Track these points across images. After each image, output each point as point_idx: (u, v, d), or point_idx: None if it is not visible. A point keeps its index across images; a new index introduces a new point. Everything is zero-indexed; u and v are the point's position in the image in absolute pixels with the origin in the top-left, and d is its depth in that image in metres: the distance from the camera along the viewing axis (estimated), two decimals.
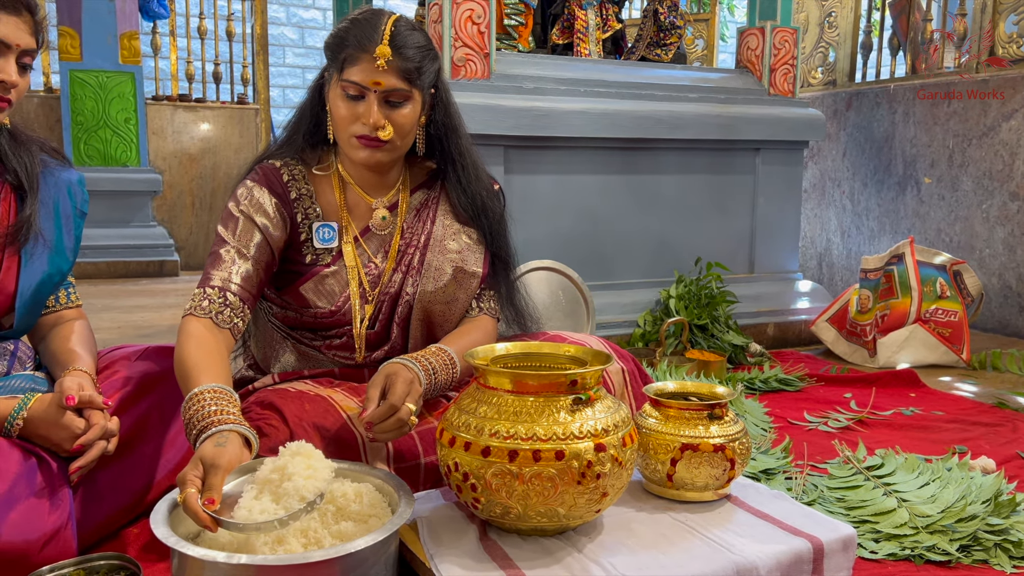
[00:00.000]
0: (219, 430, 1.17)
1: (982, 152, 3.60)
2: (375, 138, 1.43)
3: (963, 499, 1.52)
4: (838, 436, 2.09)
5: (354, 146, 1.46)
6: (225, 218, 1.49)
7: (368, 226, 1.56)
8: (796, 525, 1.25)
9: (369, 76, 1.40)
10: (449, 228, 1.58)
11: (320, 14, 8.82)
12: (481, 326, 1.59)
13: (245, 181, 1.52)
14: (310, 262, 1.52)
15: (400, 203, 1.59)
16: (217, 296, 1.40)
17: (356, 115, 1.43)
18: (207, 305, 1.39)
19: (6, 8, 1.30)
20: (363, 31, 1.42)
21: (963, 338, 2.95)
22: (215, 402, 1.22)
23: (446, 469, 1.20)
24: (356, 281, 1.53)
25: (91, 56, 4.80)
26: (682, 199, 3.17)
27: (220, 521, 1.07)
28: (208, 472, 1.11)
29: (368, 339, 1.56)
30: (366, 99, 1.43)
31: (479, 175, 1.61)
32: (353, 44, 1.41)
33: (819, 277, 4.50)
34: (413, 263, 1.55)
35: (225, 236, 1.46)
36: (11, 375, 1.41)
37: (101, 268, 4.86)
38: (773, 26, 3.31)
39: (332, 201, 1.55)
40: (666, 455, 1.32)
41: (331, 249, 1.53)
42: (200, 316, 1.38)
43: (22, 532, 1.16)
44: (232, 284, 1.42)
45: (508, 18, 3.16)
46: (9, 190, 1.42)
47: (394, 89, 1.42)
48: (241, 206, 1.48)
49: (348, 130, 1.45)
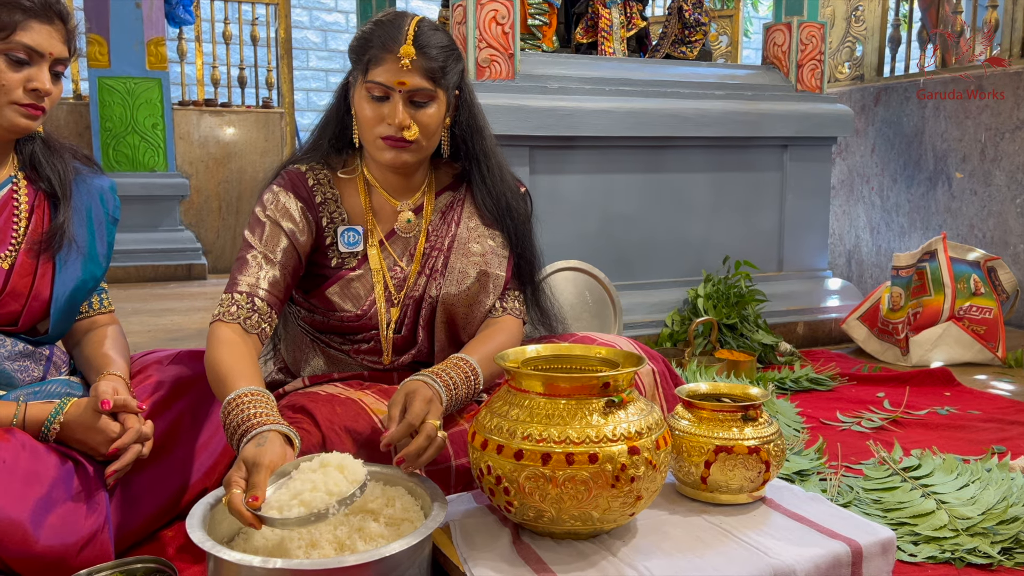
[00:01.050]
0: (260, 431, 1.18)
1: (1015, 146, 3.53)
2: (401, 138, 1.43)
3: (1004, 500, 1.49)
4: (872, 436, 2.06)
5: (380, 147, 1.46)
6: (252, 223, 1.49)
7: (394, 229, 1.56)
8: (833, 528, 1.23)
9: (394, 76, 1.41)
10: (474, 231, 1.58)
11: (343, 17, 8.87)
12: (505, 328, 1.56)
13: (271, 186, 1.53)
14: (336, 265, 1.53)
15: (426, 205, 1.58)
16: (245, 302, 1.41)
17: (381, 116, 1.43)
18: (235, 311, 1.40)
19: (39, 17, 1.32)
20: (387, 32, 1.42)
21: (998, 335, 2.90)
22: (253, 405, 1.22)
23: (478, 472, 1.20)
24: (381, 284, 1.53)
25: (119, 63, 4.86)
26: (709, 197, 3.14)
27: (264, 519, 1.07)
28: (251, 471, 1.12)
29: (395, 343, 1.56)
30: (391, 99, 1.43)
31: (504, 176, 1.61)
32: (377, 45, 1.42)
33: (848, 275, 4.44)
34: (437, 266, 1.55)
35: (252, 241, 1.47)
36: (47, 380, 1.43)
37: (130, 272, 4.93)
38: (800, 21, 3.27)
39: (357, 204, 1.55)
40: (700, 457, 1.30)
41: (356, 253, 1.53)
42: (228, 322, 1.39)
43: (60, 536, 1.17)
44: (260, 290, 1.42)
45: (532, 18, 3.15)
46: (43, 197, 1.44)
47: (419, 89, 1.42)
48: (268, 211, 1.49)
49: (374, 131, 1.45)
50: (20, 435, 1.22)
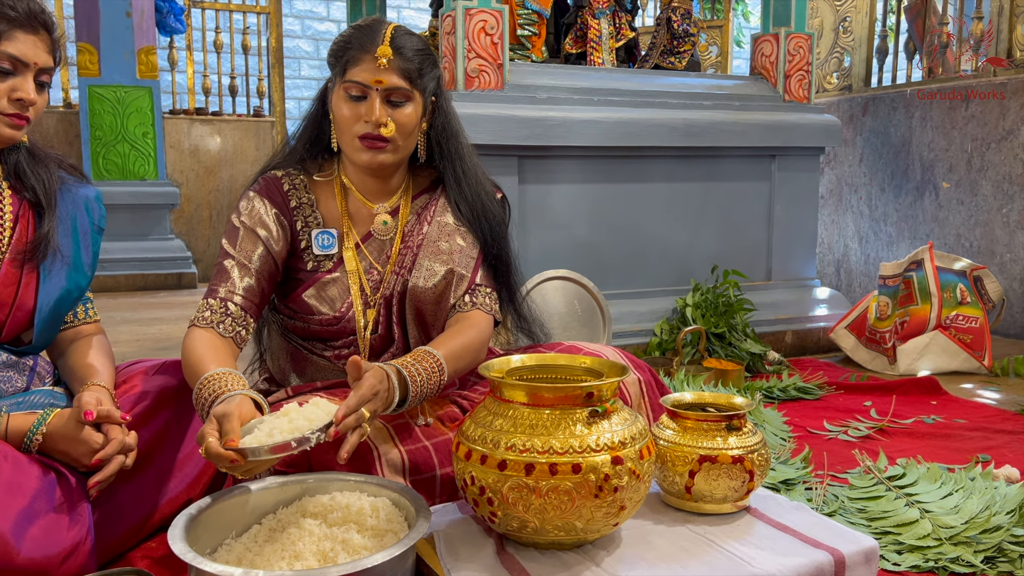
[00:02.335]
0: (230, 395, 1.22)
1: (1001, 156, 3.56)
2: (378, 136, 1.46)
3: (987, 509, 1.50)
4: (858, 445, 2.06)
5: (357, 148, 1.49)
6: (229, 230, 1.52)
7: (370, 231, 1.58)
8: (817, 537, 1.24)
9: (371, 75, 1.45)
10: (444, 229, 1.60)
11: (335, 26, 8.88)
12: (474, 323, 1.54)
13: (247, 192, 1.56)
14: (311, 268, 1.55)
15: (402, 208, 1.61)
16: (219, 307, 1.44)
17: (359, 115, 1.47)
18: (209, 315, 1.43)
19: (24, 27, 1.32)
20: (364, 34, 1.48)
21: (985, 344, 2.91)
22: (225, 380, 1.27)
23: (462, 483, 1.20)
24: (357, 286, 1.54)
25: (109, 71, 4.86)
26: (698, 207, 3.16)
27: (242, 451, 1.10)
28: (222, 422, 1.14)
29: (373, 344, 1.56)
30: (368, 98, 1.47)
31: (479, 179, 1.64)
32: (355, 47, 1.47)
33: (837, 284, 4.46)
34: (406, 263, 1.57)
35: (228, 249, 1.50)
36: (31, 390, 1.43)
37: (120, 281, 4.91)
38: (787, 32, 3.30)
39: (334, 208, 1.58)
40: (684, 467, 1.31)
41: (331, 255, 1.55)
42: (202, 326, 1.42)
43: (42, 547, 1.16)
44: (235, 295, 1.45)
45: (521, 28, 3.16)
46: (27, 207, 1.44)
47: (395, 88, 1.46)
48: (243, 217, 1.52)
49: (351, 131, 1.48)
50: (2, 446, 1.22)
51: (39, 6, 1.35)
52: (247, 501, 1.24)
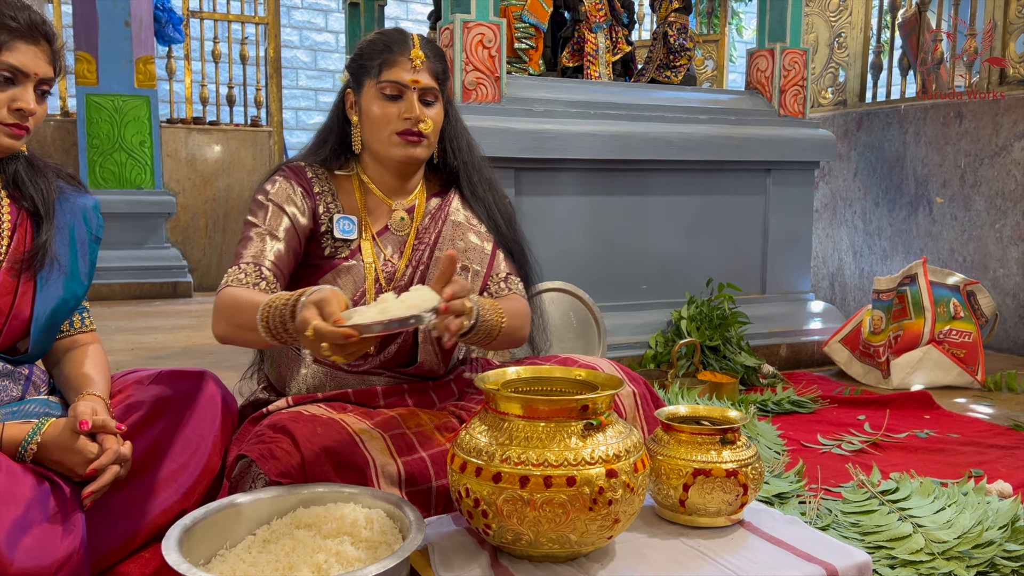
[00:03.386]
0: (316, 288, 1.21)
1: (994, 171, 3.59)
2: (416, 132, 1.54)
3: (980, 524, 1.50)
4: (852, 459, 2.07)
5: (395, 143, 1.55)
6: (254, 208, 1.55)
7: (387, 226, 1.63)
8: (810, 551, 1.24)
9: (408, 75, 1.54)
10: (458, 229, 1.65)
11: (333, 37, 8.91)
12: (517, 299, 1.62)
13: (272, 177, 1.60)
14: (328, 255, 1.57)
15: (418, 206, 1.66)
16: (252, 270, 1.45)
17: (395, 113, 1.54)
18: (244, 277, 1.44)
19: (25, 38, 1.32)
20: (395, 39, 1.57)
21: (978, 359, 2.92)
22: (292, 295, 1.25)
23: (457, 495, 1.20)
24: (372, 276, 1.57)
25: (107, 80, 4.87)
26: (693, 220, 3.17)
27: (357, 326, 1.09)
28: (321, 306, 1.14)
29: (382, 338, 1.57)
30: (404, 97, 1.54)
31: (489, 176, 1.73)
32: (390, 49, 1.55)
33: (831, 297, 4.48)
34: (423, 259, 1.62)
35: (255, 221, 1.53)
36: (26, 399, 1.42)
37: (115, 289, 4.90)
38: (783, 48, 3.32)
39: (353, 202, 1.63)
40: (678, 480, 1.31)
41: (349, 242, 1.59)
42: (237, 287, 1.42)
43: (35, 557, 1.16)
44: (265, 260, 1.47)
45: (519, 42, 3.18)
46: (26, 216, 1.44)
47: (428, 88, 1.55)
48: (271, 195, 1.55)
49: (388, 128, 1.55)
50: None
51: (40, 17, 1.36)
52: (241, 512, 1.24)
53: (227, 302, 1.39)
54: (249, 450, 1.36)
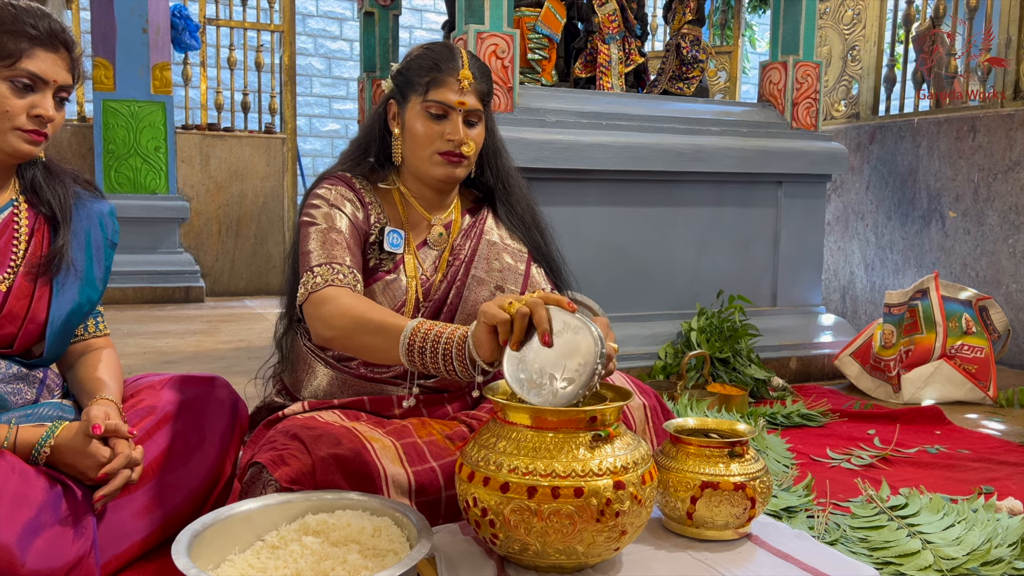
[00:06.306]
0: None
1: (1008, 186, 3.57)
2: (458, 154, 1.55)
3: (989, 542, 1.49)
4: (861, 474, 2.06)
5: (436, 162, 1.56)
6: (308, 220, 1.52)
7: (425, 240, 1.64)
8: (818, 566, 1.24)
9: (455, 96, 1.53)
10: (493, 248, 1.66)
11: (347, 45, 8.97)
12: None
13: (321, 183, 1.59)
14: (372, 267, 1.58)
15: (454, 222, 1.67)
16: (347, 271, 1.45)
17: (439, 133, 1.54)
18: (342, 279, 1.43)
19: (44, 46, 1.34)
20: (444, 57, 1.55)
21: (989, 375, 2.91)
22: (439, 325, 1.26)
23: (465, 504, 1.20)
24: (413, 290, 1.58)
25: (124, 86, 4.92)
26: (704, 232, 3.17)
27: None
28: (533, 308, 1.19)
29: None
30: (449, 118, 1.54)
31: (525, 193, 1.74)
32: (438, 68, 1.54)
33: (842, 311, 4.46)
34: (458, 275, 1.62)
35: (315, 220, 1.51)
36: (40, 403, 1.44)
37: (128, 294, 4.94)
38: (796, 60, 3.32)
39: (396, 215, 1.63)
40: (686, 493, 1.31)
41: (395, 256, 1.59)
42: (340, 285, 1.42)
43: (46, 560, 1.17)
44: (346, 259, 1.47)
45: (531, 52, 3.20)
46: (43, 221, 1.46)
47: (474, 109, 1.56)
48: (330, 199, 1.54)
49: (430, 148, 1.55)
50: (10, 458, 1.23)
51: (60, 25, 1.38)
52: (250, 518, 1.24)
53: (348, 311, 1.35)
54: (260, 456, 1.37)
